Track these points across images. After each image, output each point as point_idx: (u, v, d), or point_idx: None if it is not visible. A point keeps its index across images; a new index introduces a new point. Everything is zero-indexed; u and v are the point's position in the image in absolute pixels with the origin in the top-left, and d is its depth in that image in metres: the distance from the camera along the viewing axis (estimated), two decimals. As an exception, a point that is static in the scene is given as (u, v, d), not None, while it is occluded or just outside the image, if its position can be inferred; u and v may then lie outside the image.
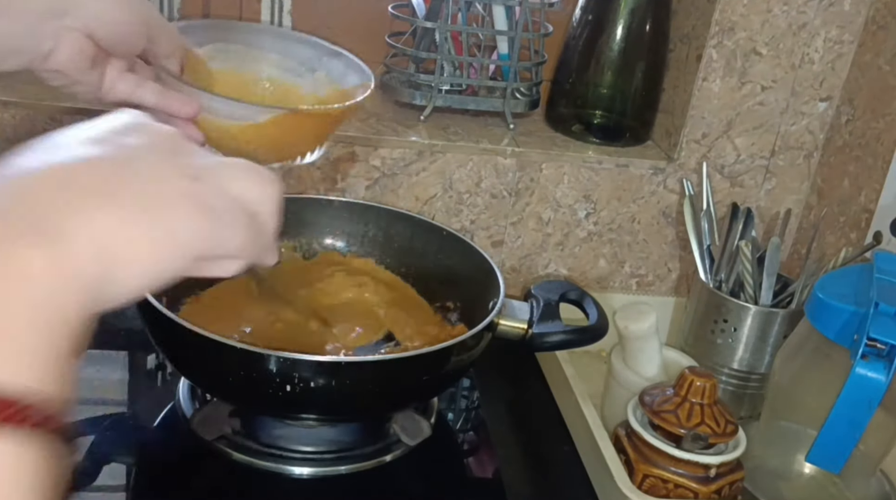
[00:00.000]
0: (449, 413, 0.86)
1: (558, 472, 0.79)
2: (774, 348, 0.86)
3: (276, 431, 0.74)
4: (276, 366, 0.64)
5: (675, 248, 1.05)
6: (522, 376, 0.92)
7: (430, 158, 0.96)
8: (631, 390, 0.79)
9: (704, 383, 0.71)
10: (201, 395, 0.78)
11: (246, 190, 0.39)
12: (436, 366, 0.71)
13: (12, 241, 0.30)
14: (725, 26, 0.94)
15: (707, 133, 1.00)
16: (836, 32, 0.96)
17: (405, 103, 1.02)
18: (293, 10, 1.06)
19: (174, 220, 0.35)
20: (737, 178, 1.02)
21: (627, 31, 0.99)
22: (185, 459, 0.73)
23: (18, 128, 0.88)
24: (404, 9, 1.00)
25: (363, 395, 0.68)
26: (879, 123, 0.92)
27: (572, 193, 1.00)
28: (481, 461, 0.82)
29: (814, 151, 1.02)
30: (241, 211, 0.38)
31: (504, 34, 1.01)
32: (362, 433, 0.76)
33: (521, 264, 1.04)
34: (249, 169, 0.40)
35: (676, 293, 1.07)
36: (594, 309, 0.79)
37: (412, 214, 0.90)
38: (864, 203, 0.93)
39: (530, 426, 0.86)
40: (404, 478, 0.76)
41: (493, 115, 1.04)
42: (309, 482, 0.73)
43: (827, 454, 0.70)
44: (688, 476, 0.70)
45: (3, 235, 0.30)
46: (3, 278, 0.29)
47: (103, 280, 0.32)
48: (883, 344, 0.66)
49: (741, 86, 0.98)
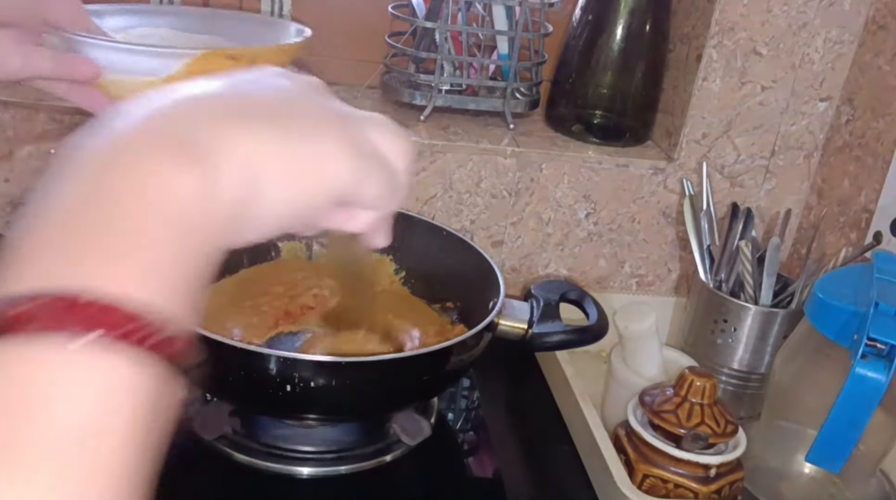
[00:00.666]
0: (449, 413, 0.85)
1: (558, 472, 0.79)
2: (774, 348, 0.86)
3: (276, 431, 0.74)
4: (276, 366, 0.64)
5: (675, 248, 1.05)
6: (522, 376, 0.92)
7: (430, 158, 0.96)
8: (631, 390, 0.79)
9: (704, 383, 0.71)
10: (201, 395, 0.78)
11: (387, 142, 0.38)
12: (436, 366, 0.71)
13: (159, 155, 0.29)
14: (725, 26, 0.94)
15: (707, 133, 1.00)
16: (837, 32, 0.96)
17: (405, 103, 1.02)
18: (293, 10, 1.07)
19: (324, 150, 0.34)
20: (737, 178, 1.02)
21: (627, 31, 0.99)
22: (184, 459, 0.73)
23: (18, 128, 0.88)
24: (404, 9, 1.00)
25: (363, 395, 0.68)
26: (879, 122, 0.92)
27: (572, 193, 1.00)
28: (481, 461, 0.81)
29: (814, 151, 1.02)
30: (383, 160, 0.37)
31: (504, 34, 1.01)
32: (362, 433, 0.76)
33: (521, 264, 1.03)
34: (388, 123, 0.39)
35: (676, 293, 1.07)
36: (594, 309, 0.79)
37: (412, 214, 0.90)
38: (864, 203, 0.93)
39: (530, 426, 0.86)
40: (404, 478, 0.76)
41: (493, 115, 1.04)
42: (309, 482, 0.73)
43: (827, 454, 0.70)
44: (688, 476, 0.70)
45: (150, 147, 0.29)
46: (145, 190, 0.28)
47: (245, 207, 0.31)
48: (883, 344, 0.66)
49: (741, 86, 0.98)
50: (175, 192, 0.29)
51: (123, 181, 0.28)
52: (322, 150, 0.34)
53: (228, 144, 0.31)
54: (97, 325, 0.25)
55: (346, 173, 0.35)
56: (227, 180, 0.30)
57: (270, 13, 1.05)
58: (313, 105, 0.36)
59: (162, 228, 0.28)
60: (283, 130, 0.33)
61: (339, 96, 0.39)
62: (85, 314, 0.25)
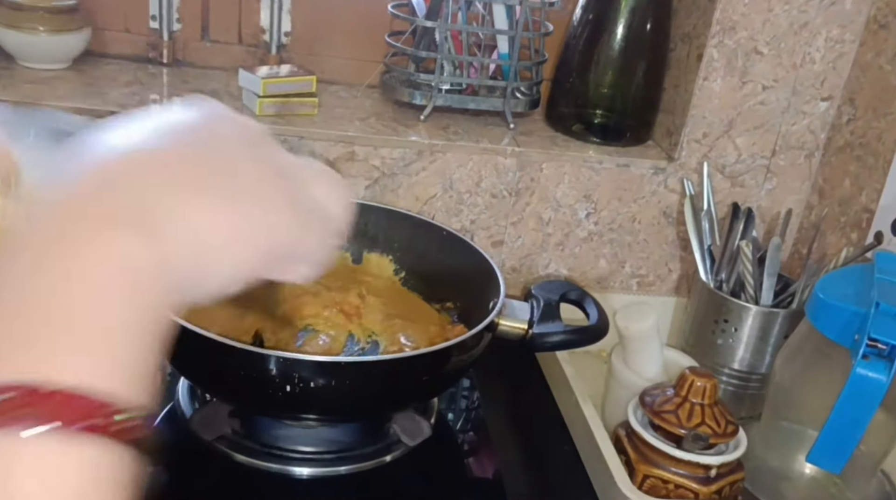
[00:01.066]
0: (449, 413, 0.85)
1: (558, 472, 0.79)
2: (775, 348, 0.85)
3: (276, 431, 0.74)
4: (276, 366, 0.64)
5: (676, 248, 1.05)
6: (522, 376, 0.92)
7: (430, 157, 0.96)
8: (631, 390, 0.79)
9: (705, 384, 0.71)
10: (201, 395, 0.78)
11: (325, 191, 0.38)
12: (436, 366, 0.70)
13: (110, 224, 0.29)
14: (726, 25, 0.94)
15: (708, 133, 1.00)
16: (838, 32, 0.96)
17: (405, 103, 1.02)
18: (293, 10, 1.06)
19: (266, 213, 0.34)
20: (738, 177, 1.02)
21: (628, 30, 0.99)
22: (184, 459, 0.73)
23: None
24: (404, 8, 1.00)
25: (363, 395, 0.68)
26: (881, 122, 0.92)
27: (573, 193, 1.00)
28: (481, 461, 0.81)
29: (815, 150, 1.02)
30: (322, 212, 0.38)
31: (504, 33, 1.00)
32: (362, 434, 0.76)
33: (522, 264, 1.03)
34: (326, 172, 0.39)
35: (677, 293, 1.07)
36: (594, 309, 0.79)
37: (412, 214, 0.90)
38: (865, 203, 0.92)
39: (530, 426, 0.86)
40: (404, 478, 0.76)
41: (493, 114, 1.04)
42: (309, 483, 0.73)
43: (828, 455, 0.70)
44: (688, 477, 0.70)
45: (98, 217, 0.29)
46: (100, 266, 0.28)
47: (193, 273, 0.31)
48: (884, 344, 0.66)
49: (742, 85, 0.97)
50: (134, 263, 0.29)
51: (75, 259, 0.28)
52: (264, 213, 0.34)
53: (174, 212, 0.31)
54: (56, 416, 0.25)
55: (286, 233, 0.35)
56: (177, 248, 0.30)
57: (270, 14, 1.05)
58: (255, 162, 0.35)
59: (126, 303, 0.28)
60: (228, 198, 0.33)
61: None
62: (45, 405, 0.25)
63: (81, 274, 0.28)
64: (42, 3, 0.95)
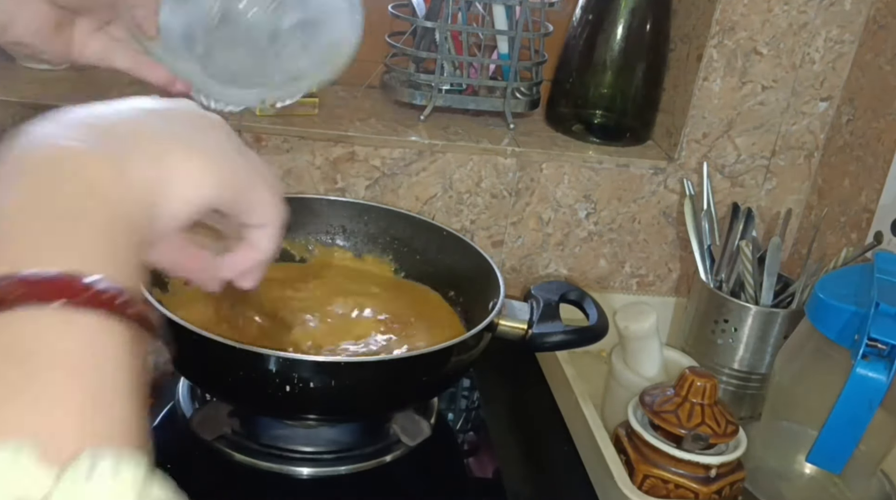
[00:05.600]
0: (449, 413, 0.85)
1: (558, 472, 0.79)
2: (775, 348, 0.85)
3: (275, 431, 0.74)
4: (276, 366, 0.64)
5: (676, 248, 1.05)
6: (522, 376, 0.92)
7: (430, 157, 0.96)
8: (631, 390, 0.79)
9: (705, 384, 0.71)
10: (201, 395, 0.78)
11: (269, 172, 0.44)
12: (436, 366, 0.70)
13: (85, 156, 0.34)
14: (726, 26, 0.94)
15: (707, 133, 1.00)
16: (837, 32, 0.96)
17: (405, 103, 1.02)
18: (293, 10, 1.06)
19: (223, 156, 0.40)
20: (737, 178, 1.02)
21: (628, 30, 0.99)
22: (184, 459, 0.73)
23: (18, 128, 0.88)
24: (404, 8, 1.00)
25: (363, 395, 0.68)
26: (880, 122, 0.92)
27: (572, 193, 1.00)
28: (481, 461, 0.81)
29: (814, 150, 1.02)
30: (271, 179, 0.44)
31: (504, 34, 1.01)
32: (362, 433, 0.76)
33: (521, 264, 1.03)
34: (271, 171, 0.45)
35: (677, 293, 1.07)
36: (594, 309, 0.79)
37: (412, 214, 0.90)
38: (865, 203, 0.92)
39: (530, 426, 0.86)
40: (404, 478, 0.76)
41: (493, 114, 1.04)
42: (309, 482, 0.73)
43: (827, 455, 0.70)
44: (688, 477, 0.70)
45: (78, 153, 0.35)
46: (77, 183, 0.33)
47: (158, 197, 0.37)
48: (884, 344, 0.66)
49: (742, 85, 0.97)
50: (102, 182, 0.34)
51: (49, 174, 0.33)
52: (221, 155, 0.41)
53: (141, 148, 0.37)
54: (64, 294, 0.29)
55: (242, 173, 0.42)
56: (142, 173, 0.36)
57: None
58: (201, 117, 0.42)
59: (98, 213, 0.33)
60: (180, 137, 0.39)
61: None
62: (52, 287, 0.29)
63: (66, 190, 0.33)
64: (42, 3, 0.95)
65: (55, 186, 0.33)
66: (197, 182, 0.39)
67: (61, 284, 0.29)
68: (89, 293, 0.30)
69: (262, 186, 0.43)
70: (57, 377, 0.28)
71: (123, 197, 0.34)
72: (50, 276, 0.29)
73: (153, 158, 0.37)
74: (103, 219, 0.33)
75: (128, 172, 0.35)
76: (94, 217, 0.33)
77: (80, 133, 0.36)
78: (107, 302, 0.30)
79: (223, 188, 0.40)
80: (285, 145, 0.93)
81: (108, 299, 0.30)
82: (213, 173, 0.39)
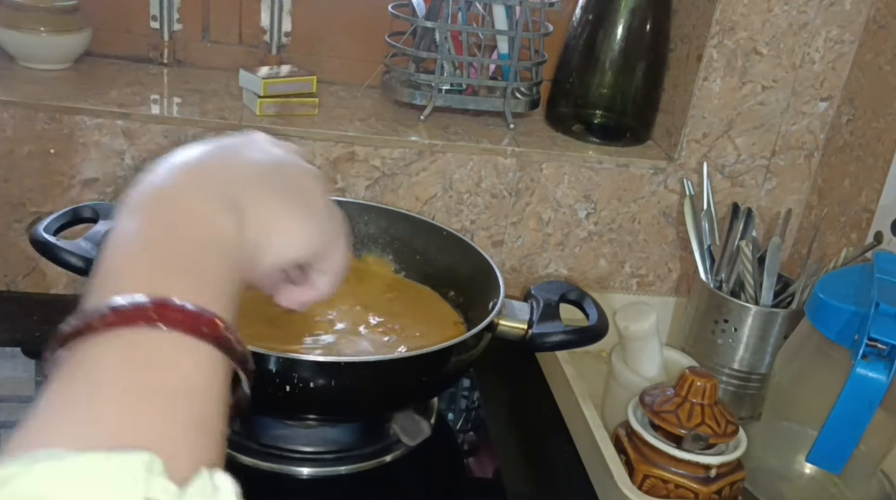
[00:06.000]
0: (449, 413, 0.85)
1: (558, 472, 0.79)
2: (775, 348, 0.85)
3: (276, 431, 0.74)
4: (276, 366, 0.64)
5: (676, 248, 1.05)
6: (522, 376, 0.92)
7: (430, 157, 0.96)
8: (631, 390, 0.79)
9: (705, 384, 0.71)
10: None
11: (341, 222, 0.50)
12: (436, 366, 0.70)
13: (214, 210, 0.40)
14: (726, 26, 0.94)
15: (707, 133, 1.00)
16: (837, 32, 0.96)
17: (405, 103, 1.02)
18: (293, 11, 1.06)
19: (314, 221, 0.46)
20: (737, 178, 1.02)
21: (628, 30, 0.99)
22: (184, 459, 0.73)
23: (18, 128, 0.88)
24: (404, 8, 1.00)
25: (363, 395, 0.68)
26: (880, 122, 0.92)
27: (572, 193, 1.00)
28: (481, 461, 0.81)
29: (814, 150, 1.02)
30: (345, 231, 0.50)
31: (504, 34, 1.01)
32: (362, 433, 0.76)
33: (522, 264, 1.03)
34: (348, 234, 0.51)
35: (677, 293, 1.07)
36: (594, 309, 0.79)
37: (412, 214, 0.90)
38: (865, 203, 0.92)
39: (530, 426, 0.86)
40: (404, 478, 0.76)
41: (493, 114, 1.04)
42: (309, 482, 0.73)
43: (827, 455, 0.70)
44: (688, 477, 0.70)
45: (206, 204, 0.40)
46: (206, 230, 0.39)
47: (258, 248, 0.42)
48: (884, 344, 0.66)
49: (742, 85, 0.97)
50: (227, 234, 0.40)
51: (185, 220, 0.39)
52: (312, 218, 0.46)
53: (255, 205, 0.42)
54: (199, 325, 0.35)
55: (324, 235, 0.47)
56: (252, 227, 0.42)
57: (271, 14, 1.05)
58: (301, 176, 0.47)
59: (220, 259, 0.39)
60: (287, 201, 0.45)
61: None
62: (187, 317, 0.35)
63: (186, 232, 0.39)
64: (43, 3, 0.95)
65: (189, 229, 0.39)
66: (294, 245, 0.45)
67: (195, 316, 0.35)
68: (217, 330, 0.35)
69: (339, 243, 0.49)
70: (178, 397, 0.33)
71: (241, 247, 0.41)
72: (188, 309, 0.35)
73: (265, 218, 0.43)
74: (226, 266, 0.39)
75: (245, 227, 0.41)
76: (218, 263, 0.39)
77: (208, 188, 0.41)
78: (222, 338, 0.35)
79: (312, 249, 0.46)
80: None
81: (223, 335, 0.35)
82: (307, 238, 0.45)
